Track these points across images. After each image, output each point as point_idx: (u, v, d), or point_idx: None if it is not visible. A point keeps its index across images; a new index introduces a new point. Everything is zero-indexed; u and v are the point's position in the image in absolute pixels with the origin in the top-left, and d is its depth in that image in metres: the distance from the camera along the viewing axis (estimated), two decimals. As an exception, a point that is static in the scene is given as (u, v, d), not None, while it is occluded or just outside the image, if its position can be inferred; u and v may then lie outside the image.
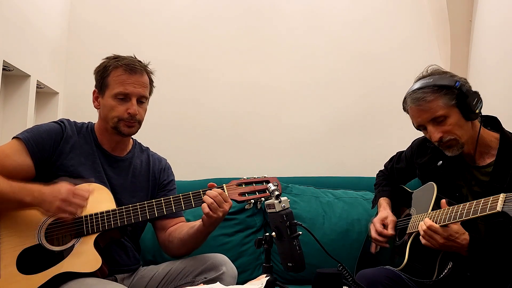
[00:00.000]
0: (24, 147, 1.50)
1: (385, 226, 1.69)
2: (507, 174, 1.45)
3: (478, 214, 1.30)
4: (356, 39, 2.72)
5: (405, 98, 1.59)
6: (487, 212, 1.27)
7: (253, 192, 1.60)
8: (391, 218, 1.70)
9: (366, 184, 2.29)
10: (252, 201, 1.59)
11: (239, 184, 1.60)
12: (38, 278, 1.37)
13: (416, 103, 1.51)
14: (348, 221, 2.15)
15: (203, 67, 2.67)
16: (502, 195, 1.24)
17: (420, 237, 1.43)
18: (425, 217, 1.48)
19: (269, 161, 2.64)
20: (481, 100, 1.49)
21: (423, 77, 1.57)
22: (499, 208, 1.23)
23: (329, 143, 2.67)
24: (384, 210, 1.76)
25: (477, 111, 1.47)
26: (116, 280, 1.58)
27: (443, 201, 1.44)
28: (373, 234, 1.70)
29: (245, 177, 1.63)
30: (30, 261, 1.40)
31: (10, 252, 1.40)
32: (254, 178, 1.63)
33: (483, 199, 1.31)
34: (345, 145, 2.67)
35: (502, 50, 2.17)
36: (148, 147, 1.81)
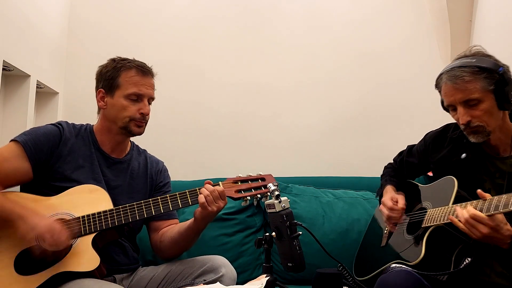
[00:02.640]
0: (22, 150, 1.50)
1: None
2: None
3: (501, 211, 1.25)
4: (356, 39, 2.72)
5: (441, 74, 1.50)
6: (510, 208, 1.22)
7: (249, 189, 1.60)
8: (398, 195, 1.68)
9: (366, 184, 2.29)
10: (248, 197, 1.59)
11: (235, 182, 1.61)
12: (36, 278, 1.36)
13: (453, 81, 1.43)
14: (348, 221, 2.15)
15: (203, 67, 2.67)
16: None
17: (461, 225, 1.35)
18: (449, 211, 1.43)
19: (269, 161, 2.64)
20: None
21: (464, 56, 1.48)
22: None
23: (329, 143, 2.67)
24: (390, 193, 1.72)
25: None
26: (115, 280, 1.58)
27: (479, 190, 1.36)
28: (385, 210, 1.66)
29: (240, 175, 1.64)
30: (28, 262, 1.40)
31: (8, 254, 1.40)
32: (250, 175, 1.64)
33: (506, 195, 1.25)
34: (345, 145, 2.67)
35: (502, 50, 2.17)
36: (145, 150, 1.82)
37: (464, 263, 1.40)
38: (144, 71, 1.64)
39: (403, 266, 1.49)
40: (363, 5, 2.75)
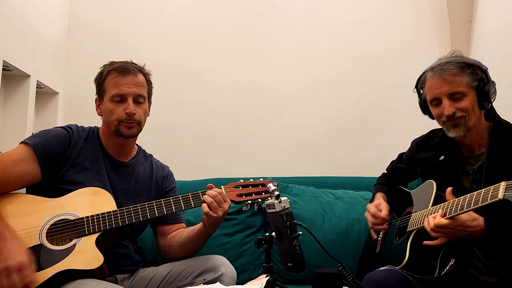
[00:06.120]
0: (32, 153, 1.50)
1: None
2: (501, 153, 1.46)
3: (480, 204, 1.28)
4: (356, 39, 2.72)
5: (424, 72, 1.57)
6: (489, 201, 1.24)
7: (250, 194, 1.64)
8: (384, 204, 1.73)
9: (366, 184, 2.29)
10: (250, 202, 1.63)
11: (236, 187, 1.65)
12: (39, 276, 1.36)
13: (440, 74, 1.49)
14: (348, 221, 2.15)
15: (203, 67, 2.67)
16: (503, 183, 1.22)
17: (432, 234, 1.41)
18: (428, 214, 1.48)
19: (269, 161, 2.64)
20: (496, 92, 1.50)
21: (446, 58, 1.55)
22: (500, 196, 1.20)
23: (329, 143, 2.67)
24: (377, 200, 1.79)
25: (492, 100, 1.48)
26: (116, 280, 1.59)
27: (449, 189, 1.42)
28: (369, 217, 1.72)
29: (242, 180, 1.67)
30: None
31: None
32: (251, 181, 1.68)
33: (484, 189, 1.29)
34: (345, 145, 2.67)
35: (502, 50, 2.17)
36: (151, 154, 1.82)
37: (450, 263, 1.44)
38: (124, 70, 1.61)
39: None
40: (363, 6, 2.75)
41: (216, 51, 2.69)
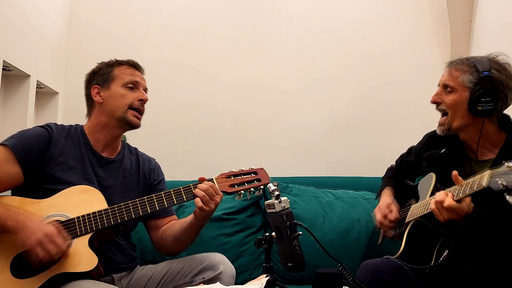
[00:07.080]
0: (11, 155, 1.46)
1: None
2: None
3: (467, 193, 1.29)
4: (356, 39, 2.72)
5: None
6: (475, 189, 1.25)
7: (242, 183, 1.61)
8: (394, 204, 1.72)
9: (366, 184, 2.29)
10: (242, 192, 1.60)
11: (228, 177, 1.62)
12: (33, 281, 1.35)
13: (448, 65, 1.57)
14: (348, 221, 2.15)
15: (203, 67, 2.68)
16: (488, 172, 1.22)
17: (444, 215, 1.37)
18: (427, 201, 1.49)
19: (269, 161, 2.62)
20: (495, 105, 1.45)
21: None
22: (484, 184, 1.21)
23: (329, 143, 2.67)
24: (388, 197, 1.77)
25: (480, 108, 1.45)
26: (113, 280, 1.58)
27: (455, 172, 1.37)
28: (379, 218, 1.70)
29: (233, 170, 1.64)
30: (24, 265, 1.37)
31: (4, 258, 1.38)
32: (242, 170, 1.64)
33: (471, 179, 1.30)
34: (345, 145, 2.67)
35: (502, 50, 2.16)
36: (136, 148, 1.81)
37: (444, 254, 1.44)
38: (136, 64, 1.71)
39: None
40: (363, 6, 2.75)
41: (216, 51, 2.69)
